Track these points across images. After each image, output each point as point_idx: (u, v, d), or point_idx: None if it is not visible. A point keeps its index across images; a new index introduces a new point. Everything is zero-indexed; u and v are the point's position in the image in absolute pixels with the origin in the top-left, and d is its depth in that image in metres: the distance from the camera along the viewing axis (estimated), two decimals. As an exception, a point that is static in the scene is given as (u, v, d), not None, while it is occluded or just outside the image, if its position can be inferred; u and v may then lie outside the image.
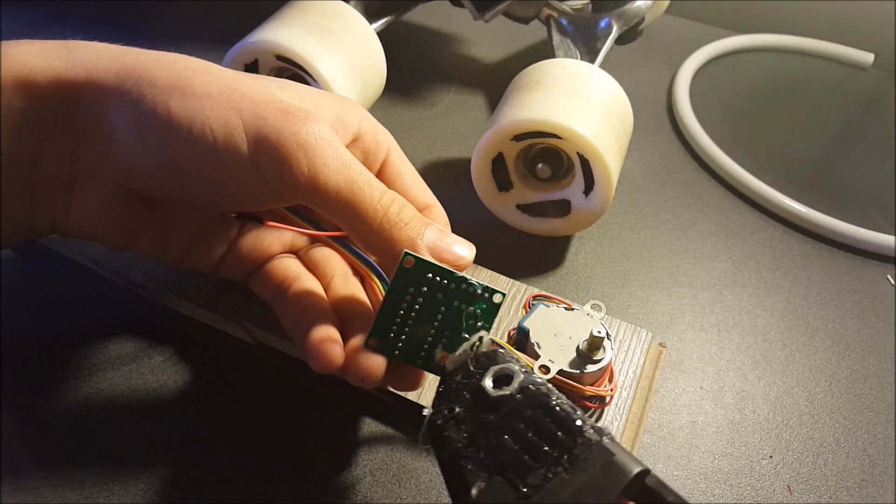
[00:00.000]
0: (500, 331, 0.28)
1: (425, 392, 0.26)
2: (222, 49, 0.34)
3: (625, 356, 0.27)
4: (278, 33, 0.33)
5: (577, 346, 0.25)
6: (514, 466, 0.18)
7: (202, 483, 0.24)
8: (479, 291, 0.22)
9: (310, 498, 0.24)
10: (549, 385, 0.19)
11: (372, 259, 0.24)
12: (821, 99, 0.47)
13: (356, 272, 0.27)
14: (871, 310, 0.33)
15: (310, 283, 0.25)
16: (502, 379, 0.19)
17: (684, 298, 0.33)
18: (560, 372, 0.24)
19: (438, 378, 0.24)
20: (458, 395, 0.20)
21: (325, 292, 0.25)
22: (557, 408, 0.18)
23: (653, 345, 0.28)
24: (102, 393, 0.26)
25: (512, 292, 0.29)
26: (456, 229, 0.29)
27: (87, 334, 0.28)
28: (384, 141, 0.26)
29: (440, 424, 0.19)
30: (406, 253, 0.21)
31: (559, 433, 0.18)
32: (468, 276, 0.22)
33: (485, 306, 0.22)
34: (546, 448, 0.18)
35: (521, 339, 0.26)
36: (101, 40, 0.22)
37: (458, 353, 0.21)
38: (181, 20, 0.46)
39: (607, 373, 0.25)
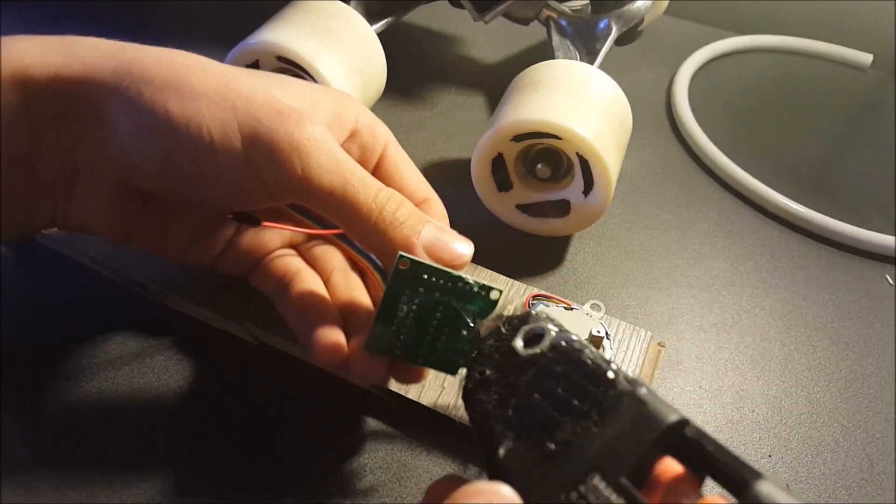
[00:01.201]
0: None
1: (425, 391, 0.26)
2: (223, 49, 0.34)
3: (624, 355, 0.27)
4: (279, 34, 0.33)
5: None
6: (543, 424, 0.17)
7: (203, 483, 0.24)
8: (476, 290, 0.22)
9: (310, 497, 0.24)
10: (583, 340, 0.19)
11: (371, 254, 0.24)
12: (820, 99, 0.48)
13: (356, 266, 0.27)
14: (869, 310, 0.33)
15: (311, 279, 0.25)
16: (534, 339, 0.19)
17: (683, 298, 0.33)
18: None
19: (442, 375, 0.25)
20: (490, 359, 0.19)
21: (326, 287, 0.26)
22: (589, 361, 0.18)
23: (652, 344, 0.28)
24: (103, 392, 0.26)
25: (511, 292, 0.29)
26: (456, 230, 0.29)
27: (87, 334, 0.28)
28: (381, 135, 0.26)
29: (471, 388, 0.19)
30: (401, 255, 0.21)
31: (590, 386, 0.17)
32: (464, 275, 0.22)
33: (482, 304, 0.22)
34: (575, 402, 0.17)
35: None
36: (102, 40, 0.22)
37: (489, 318, 0.21)
38: (181, 20, 0.46)
39: None
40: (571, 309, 0.27)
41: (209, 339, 0.28)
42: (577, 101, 0.31)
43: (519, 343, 0.19)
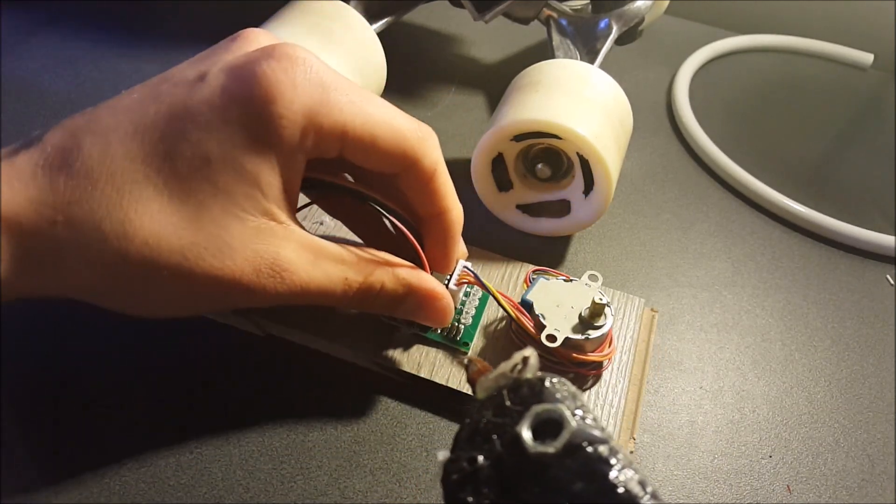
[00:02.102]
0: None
1: (437, 369, 0.27)
2: (222, 49, 0.34)
3: (621, 322, 0.29)
4: (278, 34, 0.33)
5: (580, 314, 0.26)
6: None
7: (203, 482, 0.24)
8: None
9: (310, 497, 0.24)
10: (613, 442, 0.14)
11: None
12: (820, 99, 0.47)
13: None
14: (870, 310, 0.33)
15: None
16: (547, 426, 0.15)
17: (684, 298, 0.33)
18: (566, 339, 0.26)
19: (451, 357, 0.26)
20: (486, 441, 0.15)
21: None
22: (620, 488, 0.13)
23: (645, 311, 0.30)
24: (103, 391, 0.26)
25: (509, 270, 0.31)
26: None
27: (87, 331, 0.28)
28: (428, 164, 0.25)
29: (456, 480, 0.15)
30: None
31: None
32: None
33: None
34: None
35: (525, 311, 0.27)
36: (102, 41, 0.22)
37: (492, 375, 0.17)
38: (181, 20, 0.46)
39: (608, 339, 0.27)
40: (570, 280, 0.28)
41: (213, 333, 0.28)
42: (578, 100, 0.31)
43: (526, 433, 0.14)
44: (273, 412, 0.27)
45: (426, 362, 0.27)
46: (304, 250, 0.22)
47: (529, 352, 0.16)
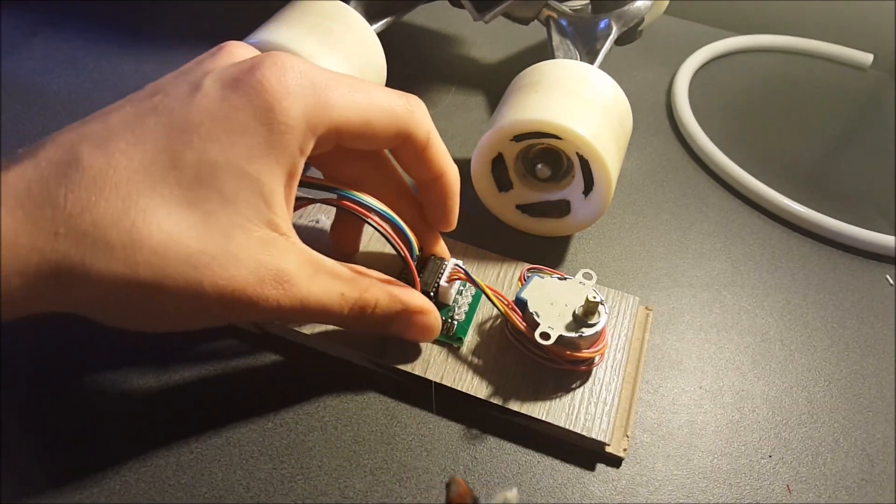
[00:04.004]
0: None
1: (431, 366, 0.27)
2: (222, 50, 0.34)
3: (615, 321, 0.30)
4: (278, 34, 0.33)
5: (574, 312, 0.27)
6: None
7: (203, 482, 0.24)
8: None
9: (310, 497, 0.24)
10: None
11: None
12: (820, 99, 0.48)
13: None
14: (870, 310, 0.33)
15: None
16: None
17: (683, 298, 0.33)
18: (559, 337, 0.26)
19: (445, 353, 0.26)
20: None
21: None
22: None
23: (640, 309, 0.30)
24: (103, 391, 0.26)
25: (504, 268, 0.31)
26: (456, 229, 0.29)
27: (86, 331, 0.28)
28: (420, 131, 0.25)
29: None
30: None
31: None
32: None
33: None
34: None
35: (520, 309, 0.27)
36: (102, 41, 0.22)
37: (459, 492, 0.17)
38: (182, 20, 0.46)
39: (602, 336, 0.27)
40: (565, 279, 0.28)
41: (212, 332, 0.28)
42: (577, 100, 0.31)
43: None
44: (273, 412, 0.27)
45: (420, 360, 0.27)
46: (304, 263, 0.22)
47: (512, 495, 0.17)
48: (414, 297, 0.26)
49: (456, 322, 0.28)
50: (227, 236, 0.21)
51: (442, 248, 0.29)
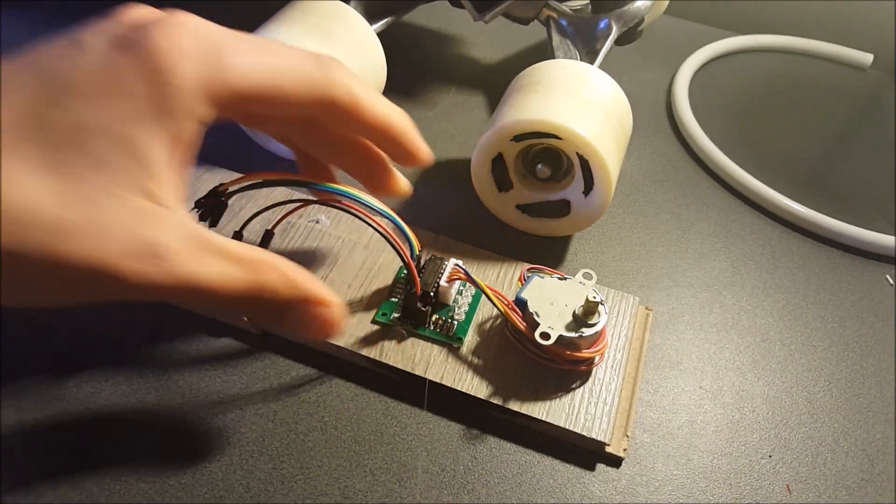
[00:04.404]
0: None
1: (431, 366, 0.27)
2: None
3: (615, 321, 0.30)
4: (278, 34, 0.33)
5: (574, 312, 0.27)
6: None
7: (203, 482, 0.24)
8: None
9: (310, 497, 0.24)
10: None
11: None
12: (820, 99, 0.48)
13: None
14: (870, 310, 0.33)
15: None
16: None
17: (683, 298, 0.33)
18: (559, 337, 0.26)
19: (445, 354, 0.26)
20: None
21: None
22: None
23: (640, 309, 0.30)
24: (103, 390, 0.26)
25: (504, 268, 0.31)
26: (456, 229, 0.29)
27: (86, 330, 0.28)
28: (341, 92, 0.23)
29: None
30: None
31: None
32: None
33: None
34: None
35: (520, 309, 0.27)
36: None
37: None
38: (181, 21, 0.46)
39: (602, 336, 0.27)
40: (565, 279, 0.28)
41: (212, 331, 0.28)
42: (577, 100, 0.31)
43: None
44: (273, 412, 0.27)
45: (421, 360, 0.27)
46: (187, 239, 0.20)
47: None
48: (316, 287, 0.23)
49: (456, 322, 0.28)
50: (95, 204, 0.19)
51: (401, 181, 0.28)
